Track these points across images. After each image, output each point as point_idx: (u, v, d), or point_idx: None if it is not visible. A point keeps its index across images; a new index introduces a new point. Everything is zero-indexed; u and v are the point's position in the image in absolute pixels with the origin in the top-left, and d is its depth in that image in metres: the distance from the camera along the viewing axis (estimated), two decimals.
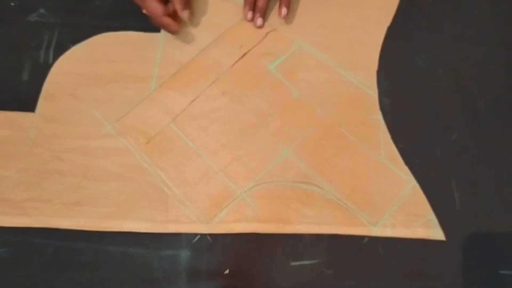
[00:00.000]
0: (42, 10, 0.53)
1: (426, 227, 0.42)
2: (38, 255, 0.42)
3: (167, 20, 0.48)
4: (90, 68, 0.49)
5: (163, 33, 0.51)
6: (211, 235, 0.42)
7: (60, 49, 0.50)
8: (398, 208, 0.43)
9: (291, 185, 0.44)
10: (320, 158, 0.45)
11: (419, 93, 0.48)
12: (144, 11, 0.49)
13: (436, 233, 0.42)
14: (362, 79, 0.49)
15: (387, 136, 0.46)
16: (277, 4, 0.52)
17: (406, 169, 0.45)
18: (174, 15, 0.49)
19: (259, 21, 0.50)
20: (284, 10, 0.50)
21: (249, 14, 0.50)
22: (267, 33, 0.51)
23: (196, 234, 0.42)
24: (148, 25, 0.51)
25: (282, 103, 0.48)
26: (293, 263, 0.41)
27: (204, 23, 0.52)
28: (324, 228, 0.42)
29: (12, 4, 0.53)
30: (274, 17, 0.52)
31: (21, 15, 0.52)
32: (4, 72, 0.49)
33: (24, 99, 0.48)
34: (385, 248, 0.42)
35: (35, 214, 0.43)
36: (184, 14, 0.49)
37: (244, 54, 0.50)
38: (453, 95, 0.48)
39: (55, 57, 0.50)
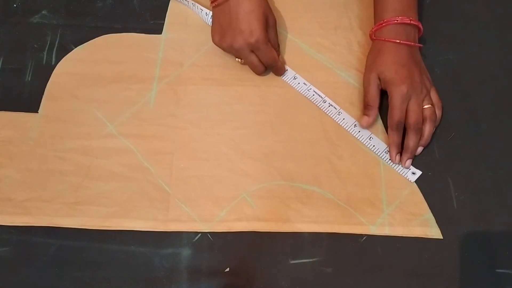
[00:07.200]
0: (44, 12, 0.53)
1: (424, 226, 0.43)
2: (41, 254, 0.42)
3: (281, 63, 0.49)
4: (92, 69, 0.50)
5: (164, 34, 0.52)
6: (211, 233, 0.43)
7: (63, 50, 0.51)
8: (396, 207, 0.43)
9: (291, 185, 0.45)
10: (319, 158, 0.46)
11: None
12: (250, 61, 0.47)
13: (434, 232, 0.42)
14: (360, 80, 0.49)
15: (386, 136, 0.46)
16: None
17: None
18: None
19: (408, 163, 0.45)
20: (408, 162, 0.45)
21: (397, 158, 0.45)
22: None
23: (197, 233, 0.43)
24: (150, 26, 0.52)
25: (282, 102, 0.48)
26: (292, 261, 0.42)
27: (203, 25, 0.52)
28: (323, 227, 0.43)
29: (15, 5, 0.53)
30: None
31: (24, 17, 0.53)
32: (7, 73, 0.50)
33: (27, 99, 0.48)
34: (383, 247, 0.42)
35: (37, 213, 0.43)
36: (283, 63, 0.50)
37: None
38: (451, 95, 0.48)
39: (58, 58, 0.50)
